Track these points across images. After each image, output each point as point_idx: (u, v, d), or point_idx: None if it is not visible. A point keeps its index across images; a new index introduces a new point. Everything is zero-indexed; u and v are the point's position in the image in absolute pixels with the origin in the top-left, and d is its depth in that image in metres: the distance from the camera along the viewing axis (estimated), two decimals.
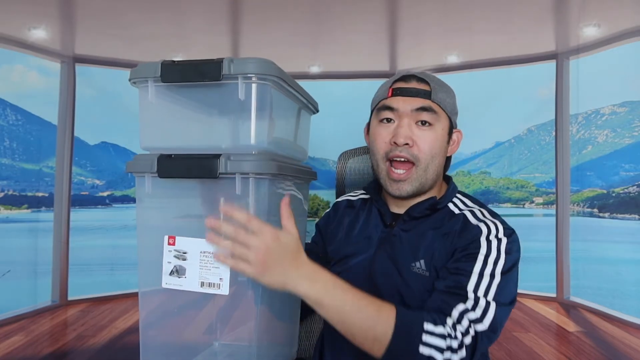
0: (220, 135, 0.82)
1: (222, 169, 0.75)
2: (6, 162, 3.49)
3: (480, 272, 0.89)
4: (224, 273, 0.79)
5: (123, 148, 4.29)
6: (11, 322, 3.20)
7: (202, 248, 0.79)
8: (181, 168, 0.76)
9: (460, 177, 4.40)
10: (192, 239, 0.79)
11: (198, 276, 0.79)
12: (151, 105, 0.80)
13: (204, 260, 0.79)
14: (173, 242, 0.80)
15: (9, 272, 3.43)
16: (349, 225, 1.10)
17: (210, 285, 0.79)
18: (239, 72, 0.74)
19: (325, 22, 3.58)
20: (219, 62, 0.74)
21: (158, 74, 0.77)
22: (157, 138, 0.82)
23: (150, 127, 0.82)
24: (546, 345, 2.83)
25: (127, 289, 3.98)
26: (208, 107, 0.83)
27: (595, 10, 3.33)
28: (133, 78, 0.80)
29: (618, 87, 3.70)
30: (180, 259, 0.80)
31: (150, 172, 0.78)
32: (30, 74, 3.70)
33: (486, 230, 0.94)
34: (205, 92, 0.80)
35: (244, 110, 0.76)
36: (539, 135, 4.34)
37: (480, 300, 0.86)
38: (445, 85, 1.03)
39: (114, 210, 4.24)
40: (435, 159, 0.99)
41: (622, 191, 3.67)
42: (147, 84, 0.78)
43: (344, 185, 1.32)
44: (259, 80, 0.75)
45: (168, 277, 0.80)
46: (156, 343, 0.87)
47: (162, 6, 3.25)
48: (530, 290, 3.91)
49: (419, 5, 3.33)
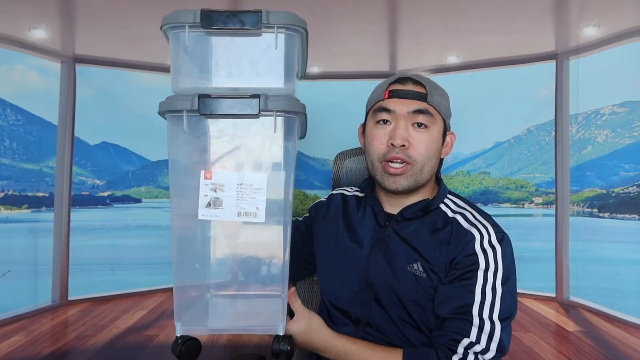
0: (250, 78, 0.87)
1: (262, 106, 0.81)
2: (6, 162, 3.49)
3: (482, 290, 0.91)
4: (260, 203, 0.84)
5: (123, 148, 4.29)
6: (11, 322, 3.20)
7: (238, 180, 0.85)
8: (223, 106, 0.81)
9: (460, 177, 4.40)
10: (229, 172, 0.85)
11: (235, 206, 0.84)
12: (185, 49, 0.83)
13: (241, 192, 0.84)
14: (210, 176, 0.84)
15: (9, 272, 3.43)
16: (342, 222, 1.11)
17: (247, 214, 0.84)
18: (276, 23, 0.81)
19: (325, 22, 3.58)
20: (259, 12, 0.80)
21: (197, 20, 0.80)
22: (189, 81, 0.86)
23: (182, 71, 0.86)
24: (546, 345, 2.84)
25: (127, 288, 3.99)
26: (240, 52, 0.87)
27: (595, 10, 3.34)
28: (168, 23, 0.83)
29: (618, 87, 3.70)
30: (217, 192, 0.84)
31: (189, 109, 0.81)
32: (30, 74, 3.70)
33: (479, 236, 0.96)
34: (240, 39, 0.84)
35: (275, 56, 0.83)
36: (539, 135, 4.34)
37: (485, 325, 0.89)
38: (440, 88, 1.04)
39: (115, 210, 4.24)
40: (430, 161, 1.00)
41: (622, 191, 3.67)
42: (184, 30, 0.82)
43: (340, 185, 1.34)
44: (289, 31, 0.83)
45: (204, 209, 0.84)
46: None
47: (162, 6, 3.24)
48: (530, 290, 3.91)
49: (419, 5, 3.33)
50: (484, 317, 0.90)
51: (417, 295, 0.96)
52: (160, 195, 4.47)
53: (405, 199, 1.04)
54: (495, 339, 0.89)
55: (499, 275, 0.93)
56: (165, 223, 4.36)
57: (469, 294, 0.91)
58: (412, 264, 0.97)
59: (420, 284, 0.96)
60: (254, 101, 0.81)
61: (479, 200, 4.29)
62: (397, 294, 0.98)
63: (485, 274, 0.92)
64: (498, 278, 0.92)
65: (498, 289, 0.92)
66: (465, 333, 0.90)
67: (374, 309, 1.01)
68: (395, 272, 0.98)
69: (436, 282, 0.96)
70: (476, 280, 0.92)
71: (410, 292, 0.97)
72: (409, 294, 0.97)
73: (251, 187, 0.85)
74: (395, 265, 0.99)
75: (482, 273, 0.92)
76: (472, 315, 0.90)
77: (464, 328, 0.90)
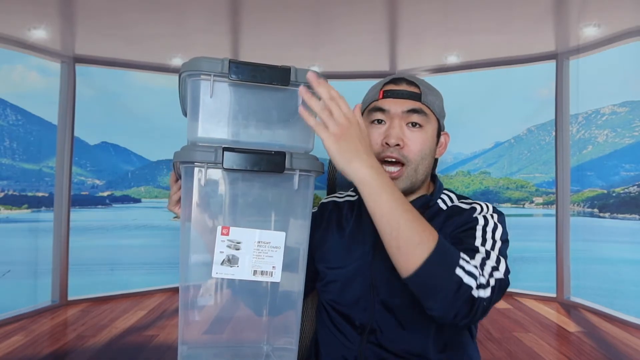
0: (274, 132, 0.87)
1: (287, 165, 0.82)
2: (6, 162, 3.49)
3: (483, 236, 0.93)
4: (277, 261, 0.83)
5: (123, 148, 4.29)
6: (11, 322, 3.20)
7: (257, 238, 0.83)
8: (249, 162, 0.81)
9: (460, 177, 4.40)
10: (247, 230, 0.83)
11: (251, 265, 0.83)
12: (208, 99, 0.82)
13: (258, 250, 0.83)
14: (227, 232, 0.83)
15: (9, 272, 3.43)
16: (338, 228, 1.10)
17: (263, 273, 0.83)
18: (302, 80, 0.82)
19: (325, 22, 3.58)
20: (288, 69, 0.82)
21: (225, 70, 0.80)
22: (210, 130, 0.84)
23: (202, 119, 0.83)
24: (546, 346, 2.83)
25: (127, 289, 3.99)
26: (265, 108, 0.87)
27: (595, 10, 3.34)
28: (191, 70, 0.81)
29: (618, 87, 3.70)
30: (233, 249, 0.82)
31: (211, 162, 0.80)
32: (30, 74, 3.70)
33: (479, 208, 1.01)
34: (265, 94, 0.84)
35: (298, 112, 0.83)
36: (539, 135, 4.34)
37: (492, 254, 0.90)
38: (433, 89, 1.05)
39: (114, 210, 4.23)
40: (425, 160, 1.01)
41: (623, 191, 3.67)
42: (209, 79, 0.81)
43: (335, 186, 1.33)
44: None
45: (219, 266, 0.82)
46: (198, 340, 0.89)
47: (162, 6, 3.25)
48: (530, 290, 3.91)
49: (419, 5, 3.33)
50: (488, 249, 0.91)
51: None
52: (160, 195, 4.47)
53: None
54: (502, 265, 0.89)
55: (498, 232, 0.96)
56: (165, 223, 4.36)
57: (472, 237, 0.93)
58: None
59: None
60: (279, 158, 0.81)
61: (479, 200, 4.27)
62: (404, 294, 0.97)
63: (485, 229, 0.95)
64: (497, 233, 0.95)
65: (497, 241, 0.94)
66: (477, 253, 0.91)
67: (378, 313, 1.00)
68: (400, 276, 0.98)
69: None
70: (476, 233, 0.94)
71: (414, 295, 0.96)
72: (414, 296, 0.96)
73: (269, 246, 0.84)
74: None
75: (482, 228, 0.95)
76: (478, 247, 0.91)
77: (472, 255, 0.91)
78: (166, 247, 4.20)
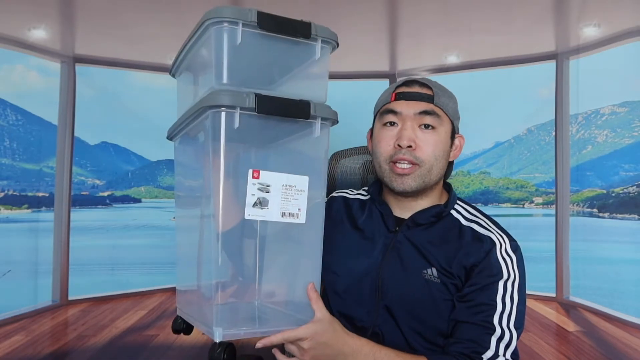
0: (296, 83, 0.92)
1: (312, 112, 0.86)
2: (6, 162, 3.49)
3: (503, 299, 0.94)
4: (302, 204, 0.88)
5: (123, 148, 4.30)
6: (11, 322, 3.20)
7: (283, 182, 0.87)
8: (280, 107, 0.84)
9: (460, 177, 4.40)
10: (275, 173, 0.86)
11: (279, 207, 0.87)
12: (234, 46, 0.83)
13: (285, 193, 0.87)
14: (257, 176, 0.86)
15: (10, 272, 3.43)
16: (350, 226, 1.09)
17: (290, 215, 0.87)
18: (320, 35, 0.88)
19: (325, 22, 3.57)
20: (309, 23, 0.87)
21: (254, 19, 0.82)
22: (234, 78, 0.85)
23: (228, 67, 0.85)
24: (546, 345, 2.84)
25: (127, 288, 3.99)
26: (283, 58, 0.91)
27: (595, 10, 3.34)
28: (218, 18, 0.82)
29: (618, 87, 3.70)
30: (264, 192, 0.85)
31: (243, 106, 0.81)
32: (30, 74, 3.70)
33: (498, 244, 0.98)
34: (284, 45, 0.88)
35: (316, 67, 0.90)
36: (539, 135, 4.34)
37: (505, 334, 0.92)
38: (447, 91, 1.04)
39: (114, 210, 4.24)
40: (438, 162, 1.00)
41: (622, 191, 3.67)
42: (237, 27, 0.82)
43: (335, 186, 1.33)
44: (327, 44, 0.90)
45: (251, 208, 0.85)
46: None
47: (162, 6, 3.25)
48: (530, 290, 3.85)
49: (419, 5, 3.33)
50: (504, 326, 0.92)
51: (430, 302, 0.96)
52: (160, 195, 4.47)
53: (414, 203, 1.03)
54: (511, 347, 0.91)
55: (516, 284, 0.95)
56: (165, 223, 4.36)
57: (492, 302, 0.93)
58: (426, 270, 0.97)
59: (434, 291, 0.95)
60: (306, 105, 0.86)
61: (479, 200, 4.29)
62: (410, 300, 0.97)
63: (506, 284, 0.94)
64: (515, 287, 0.95)
65: (515, 298, 0.94)
66: (486, 344, 0.91)
67: (381, 317, 0.99)
68: (409, 279, 0.97)
69: (452, 288, 0.95)
70: (497, 289, 0.94)
71: (423, 299, 0.96)
72: (422, 300, 0.96)
73: (294, 189, 0.87)
74: (410, 272, 0.98)
75: (503, 283, 0.94)
76: (494, 324, 0.91)
77: (484, 339, 0.91)
78: (166, 247, 4.20)
